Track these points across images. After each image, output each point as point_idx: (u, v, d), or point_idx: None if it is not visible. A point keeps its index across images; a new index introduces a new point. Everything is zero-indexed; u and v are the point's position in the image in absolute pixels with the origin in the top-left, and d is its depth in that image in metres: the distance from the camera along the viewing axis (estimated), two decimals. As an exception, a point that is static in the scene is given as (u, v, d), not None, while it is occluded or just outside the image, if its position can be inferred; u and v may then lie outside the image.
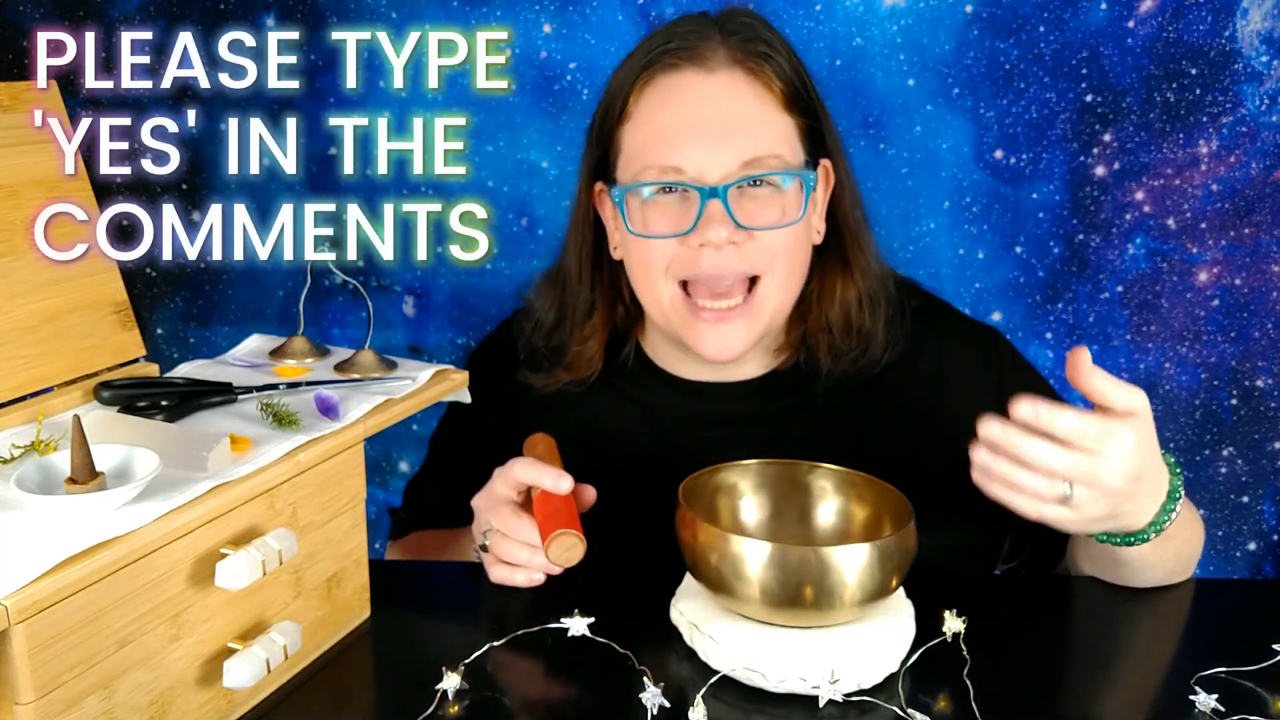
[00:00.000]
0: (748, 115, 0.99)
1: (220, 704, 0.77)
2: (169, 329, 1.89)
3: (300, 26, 1.71)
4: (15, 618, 0.61)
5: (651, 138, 1.00)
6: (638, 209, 1.02)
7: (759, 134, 0.99)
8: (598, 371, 1.11)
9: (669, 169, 0.99)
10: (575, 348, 1.11)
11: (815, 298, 1.08)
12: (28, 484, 0.70)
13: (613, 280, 1.12)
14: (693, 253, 0.99)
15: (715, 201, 0.97)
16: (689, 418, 1.11)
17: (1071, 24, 1.64)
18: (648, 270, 1.03)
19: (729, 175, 0.97)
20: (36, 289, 0.85)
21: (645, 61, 1.01)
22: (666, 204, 1.01)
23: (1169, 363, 1.75)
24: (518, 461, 0.96)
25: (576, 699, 0.83)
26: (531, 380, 1.13)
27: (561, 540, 0.87)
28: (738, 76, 0.99)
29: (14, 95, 0.86)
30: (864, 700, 0.79)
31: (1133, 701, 0.81)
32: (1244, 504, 1.78)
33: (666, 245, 1.00)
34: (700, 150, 0.97)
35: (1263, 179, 1.67)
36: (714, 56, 0.99)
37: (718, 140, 0.98)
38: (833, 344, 1.07)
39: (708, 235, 0.97)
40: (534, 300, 1.15)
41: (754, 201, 0.99)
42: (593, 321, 1.11)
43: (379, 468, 1.89)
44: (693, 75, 0.99)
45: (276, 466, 0.78)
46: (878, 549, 0.80)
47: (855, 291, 1.07)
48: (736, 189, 0.98)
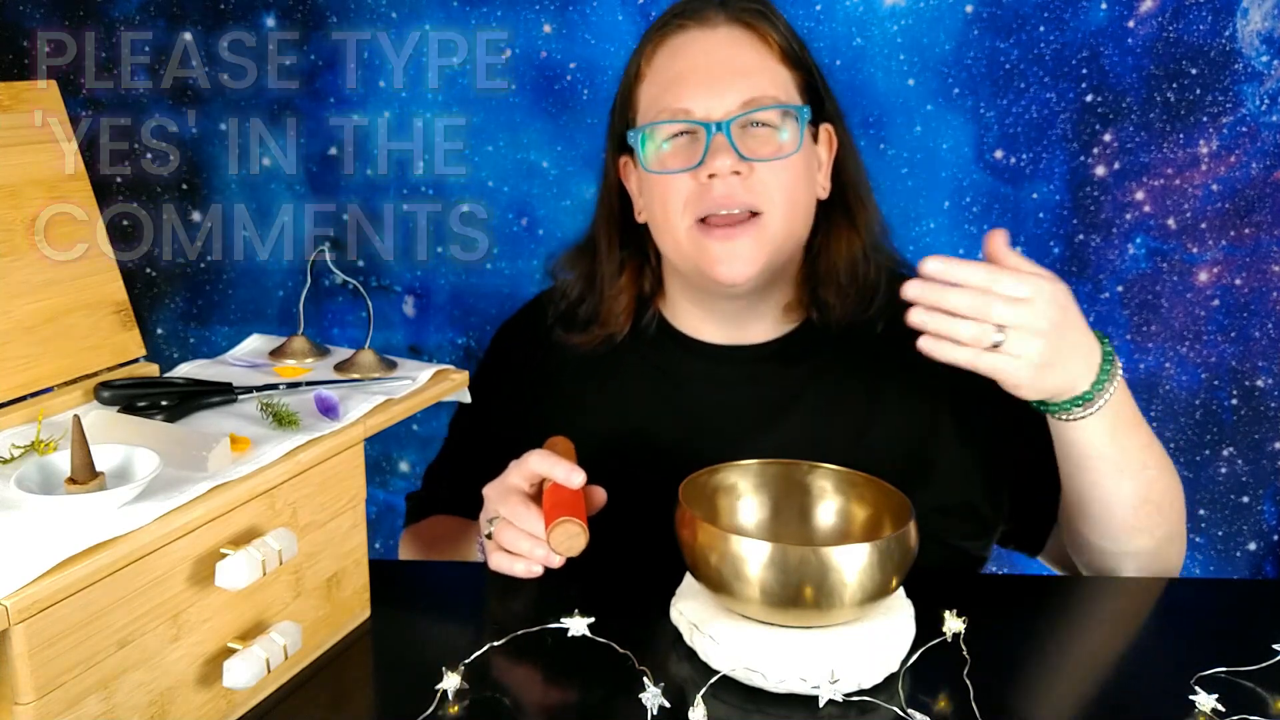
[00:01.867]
0: (747, 62, 1.09)
1: (220, 704, 0.77)
2: (169, 329, 1.89)
3: (300, 27, 1.72)
4: (15, 618, 0.61)
5: (662, 87, 1.11)
6: (654, 155, 1.11)
7: (757, 78, 1.09)
8: (626, 330, 1.19)
9: (679, 110, 1.08)
10: (607, 304, 1.19)
11: (823, 249, 1.16)
12: (28, 484, 0.70)
13: (638, 246, 1.20)
14: (703, 187, 1.07)
15: (720, 135, 1.06)
16: (706, 378, 1.17)
17: (1071, 24, 1.64)
18: (666, 208, 1.10)
19: (731, 112, 1.07)
20: (36, 289, 0.85)
21: (656, 30, 1.14)
22: (679, 147, 1.10)
23: (1169, 363, 1.75)
24: (533, 453, 0.99)
25: (576, 699, 0.83)
26: (565, 338, 1.20)
27: (565, 528, 0.88)
28: (738, 31, 1.11)
29: (14, 95, 0.86)
30: (864, 700, 0.79)
31: (1133, 701, 0.81)
32: (1244, 504, 1.78)
33: (681, 182, 1.08)
34: (705, 92, 1.07)
35: (1263, 179, 1.67)
36: (715, 17, 1.11)
37: (721, 83, 1.08)
38: (841, 292, 1.14)
39: (714, 165, 1.05)
40: (560, 271, 1.24)
41: (755, 139, 1.08)
42: (621, 281, 1.19)
43: (379, 468, 1.89)
44: (698, 32, 1.11)
45: (276, 466, 0.78)
46: (878, 549, 0.80)
47: (859, 244, 1.15)
48: (739, 126, 1.07)
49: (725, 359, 1.17)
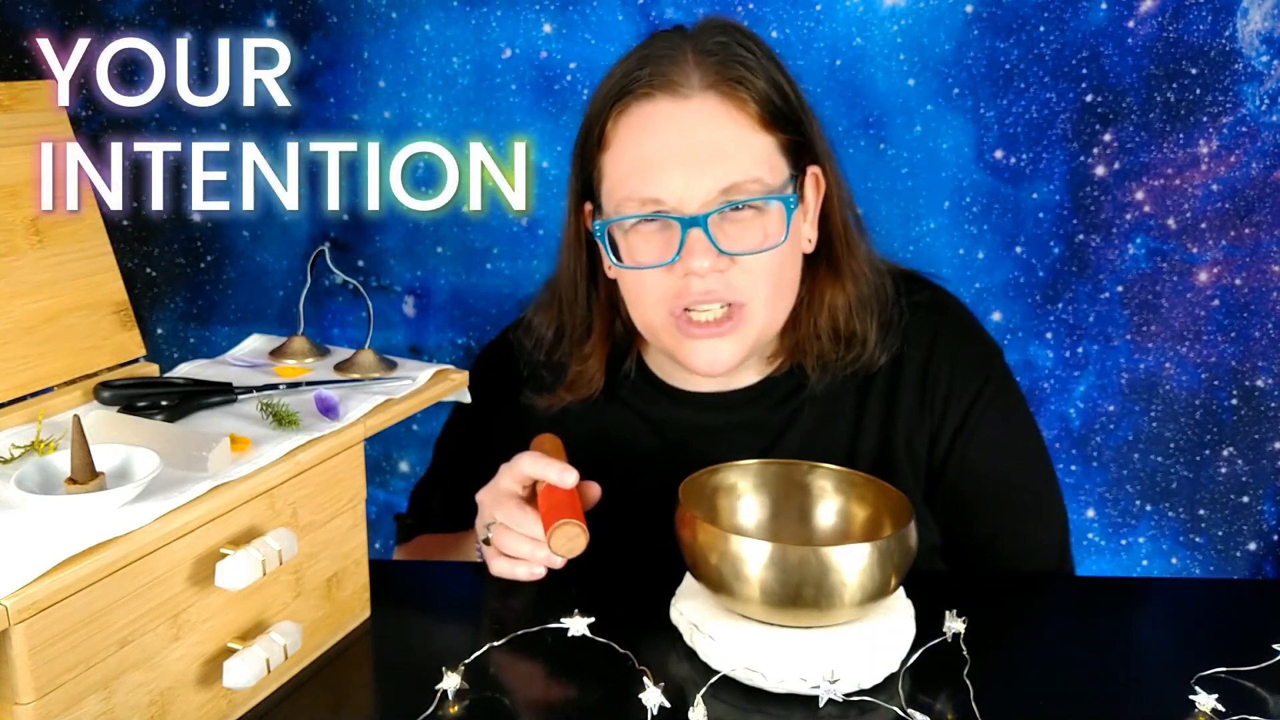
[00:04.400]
0: (724, 141, 0.98)
1: (220, 704, 0.77)
2: (169, 329, 1.89)
3: (300, 27, 1.72)
4: (15, 618, 0.61)
5: (630, 169, 1.00)
6: (623, 239, 1.03)
7: (737, 159, 0.98)
8: (599, 390, 1.12)
9: (649, 200, 0.99)
10: (576, 368, 1.12)
11: (805, 305, 1.08)
12: (28, 484, 0.69)
13: (609, 297, 1.12)
14: (680, 281, 1.00)
15: (696, 230, 0.97)
16: (690, 428, 1.12)
17: (1071, 24, 1.64)
18: (640, 299, 1.04)
19: (708, 203, 0.97)
20: (36, 289, 0.85)
21: (620, 89, 1.01)
22: (650, 232, 1.01)
23: (1169, 363, 1.75)
24: (524, 456, 0.97)
25: (576, 699, 0.83)
26: (535, 402, 1.14)
27: (564, 530, 0.88)
28: (712, 102, 0.98)
29: (14, 95, 0.86)
30: (864, 700, 0.79)
31: (1133, 701, 0.81)
32: (1244, 504, 1.78)
33: (655, 277, 1.01)
34: (679, 180, 0.97)
35: (1263, 179, 1.67)
36: (687, 82, 0.98)
37: (696, 169, 0.97)
38: (821, 351, 1.08)
39: (690, 265, 0.97)
40: (533, 317, 1.16)
41: (736, 226, 0.99)
42: (591, 340, 1.12)
43: (379, 468, 1.89)
44: (667, 104, 0.99)
45: (276, 466, 0.78)
46: (878, 549, 0.80)
47: (844, 298, 1.07)
48: (718, 216, 0.98)
49: (709, 406, 1.12)
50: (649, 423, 1.14)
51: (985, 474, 1.09)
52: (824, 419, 1.10)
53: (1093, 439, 1.78)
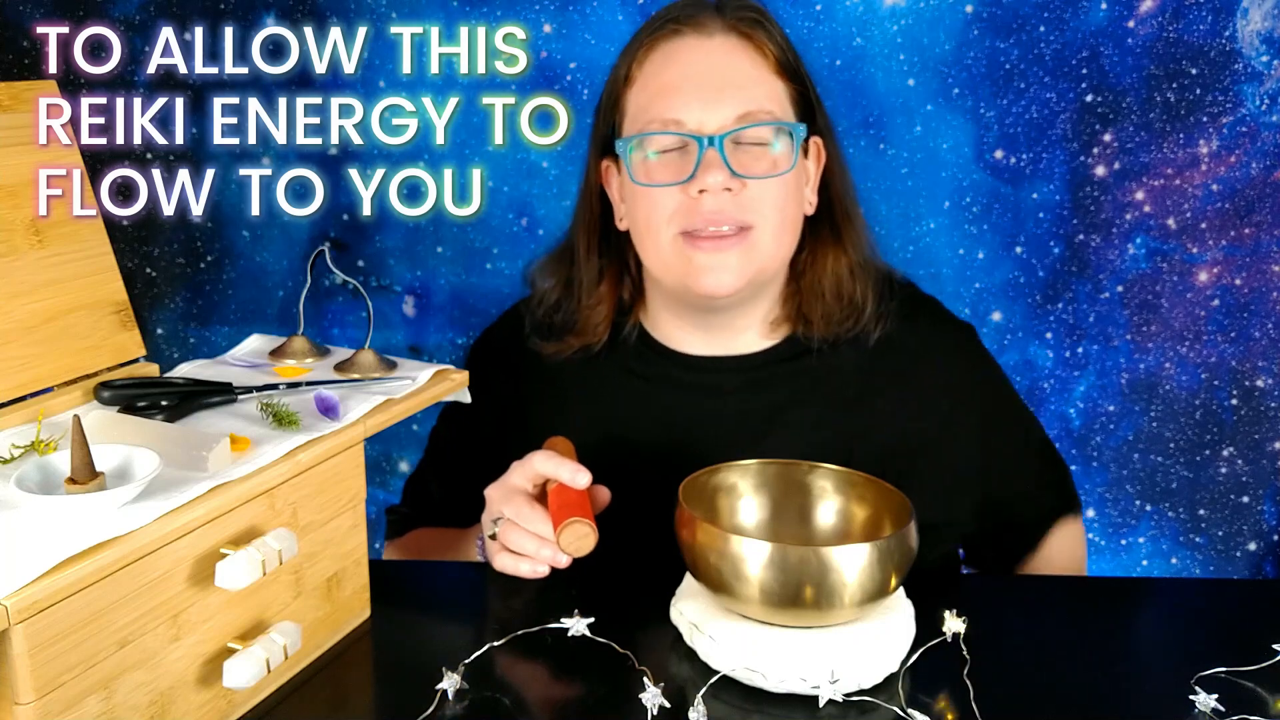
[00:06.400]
0: (742, 73, 1.06)
1: (220, 704, 0.77)
2: (169, 329, 1.89)
3: (300, 26, 1.71)
4: (15, 618, 0.61)
5: (653, 95, 1.07)
6: (641, 165, 1.08)
7: (752, 91, 1.06)
8: (604, 340, 1.16)
9: (670, 121, 1.05)
10: (584, 313, 1.16)
11: (809, 265, 1.13)
12: (28, 484, 0.70)
13: (619, 253, 1.17)
14: (692, 201, 1.04)
15: (712, 150, 1.03)
16: (691, 391, 1.14)
17: (1071, 24, 1.64)
18: (651, 220, 1.07)
19: (725, 126, 1.04)
20: (36, 289, 0.85)
21: (650, 31, 1.09)
22: (668, 159, 1.06)
23: (1169, 363, 1.75)
24: (537, 454, 0.98)
25: (576, 699, 0.83)
26: (541, 348, 1.17)
27: (574, 528, 0.88)
28: (733, 41, 1.07)
29: (14, 95, 0.86)
30: (864, 700, 0.79)
31: (1133, 701, 0.81)
32: (1244, 504, 1.78)
33: (668, 195, 1.05)
34: (698, 104, 1.04)
35: (1263, 179, 1.67)
36: (711, 24, 1.07)
37: (714, 94, 1.04)
38: (826, 310, 1.12)
39: (706, 180, 1.02)
40: (538, 278, 1.21)
41: (748, 154, 1.05)
42: (600, 290, 1.16)
43: (379, 468, 1.89)
44: (692, 39, 1.07)
45: (276, 466, 0.78)
46: (878, 549, 0.80)
47: (846, 261, 1.13)
48: (732, 140, 1.04)
49: (709, 369, 1.14)
50: (648, 384, 1.16)
51: (988, 444, 1.16)
52: (825, 389, 1.13)
53: (1093, 439, 1.78)
